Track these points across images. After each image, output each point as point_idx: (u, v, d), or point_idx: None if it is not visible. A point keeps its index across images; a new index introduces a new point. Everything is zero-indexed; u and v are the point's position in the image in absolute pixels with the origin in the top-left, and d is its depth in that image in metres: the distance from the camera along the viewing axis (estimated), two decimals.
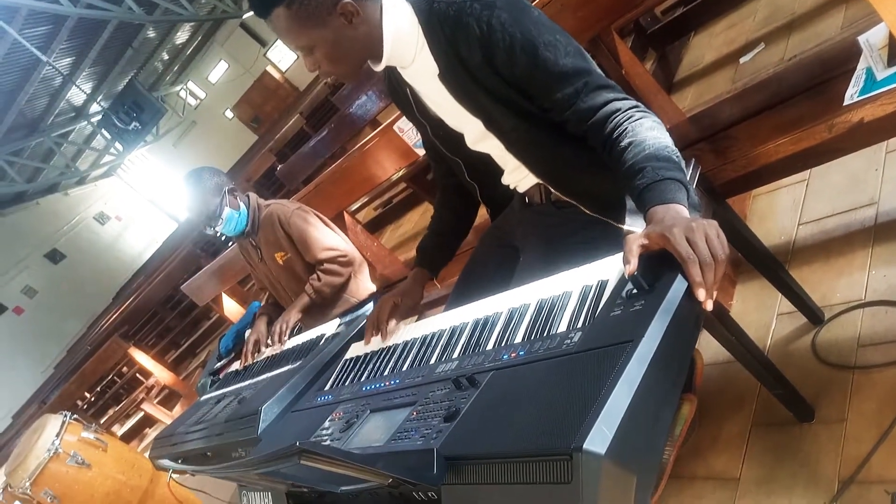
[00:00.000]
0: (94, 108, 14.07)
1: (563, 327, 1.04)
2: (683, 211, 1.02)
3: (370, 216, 6.02)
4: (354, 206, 5.79)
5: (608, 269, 1.09)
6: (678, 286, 0.90)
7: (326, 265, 2.52)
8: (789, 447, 1.49)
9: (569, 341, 0.97)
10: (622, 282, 1.01)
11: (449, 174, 1.69)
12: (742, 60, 2.90)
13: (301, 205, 2.66)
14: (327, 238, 2.57)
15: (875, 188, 1.83)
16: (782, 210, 2.05)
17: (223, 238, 2.64)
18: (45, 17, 9.58)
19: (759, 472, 1.51)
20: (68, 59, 11.65)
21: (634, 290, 0.96)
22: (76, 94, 13.18)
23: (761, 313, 1.81)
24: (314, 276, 2.52)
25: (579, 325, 1.01)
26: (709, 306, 0.90)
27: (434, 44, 1.29)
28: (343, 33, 1.28)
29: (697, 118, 1.80)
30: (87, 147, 16.17)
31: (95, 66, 12.73)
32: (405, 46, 1.33)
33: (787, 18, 2.88)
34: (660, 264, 0.96)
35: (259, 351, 2.42)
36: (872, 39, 1.45)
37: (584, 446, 0.72)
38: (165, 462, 1.37)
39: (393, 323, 1.55)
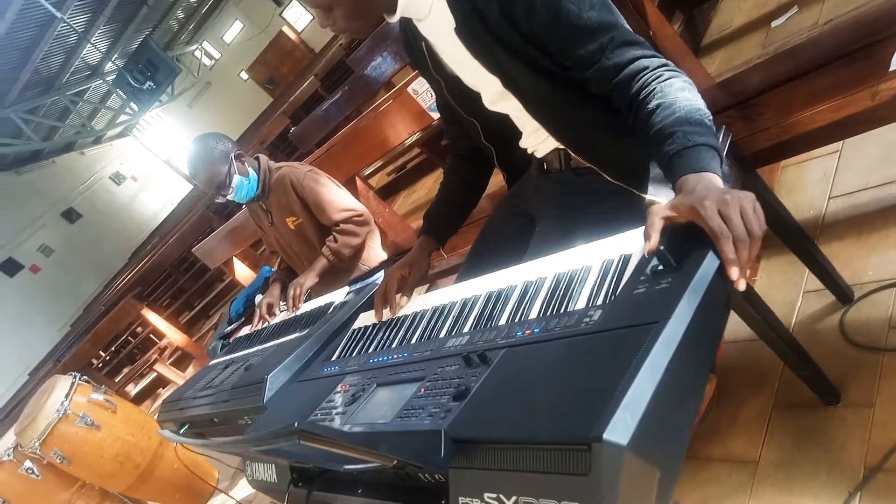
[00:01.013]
0: (110, 66, 13.97)
1: (581, 304, 0.98)
2: (717, 180, 0.94)
3: (383, 181, 5.95)
4: (367, 172, 5.74)
5: (631, 243, 1.02)
6: (709, 264, 0.83)
7: (343, 226, 2.46)
8: (812, 431, 1.43)
9: (588, 319, 0.91)
10: (647, 257, 0.94)
11: (462, 137, 1.61)
12: (774, 24, 2.77)
13: (312, 167, 2.59)
14: (342, 199, 2.51)
15: None
16: (812, 182, 1.96)
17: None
18: None
19: (779, 455, 1.45)
20: (83, 17, 11.52)
21: (660, 267, 0.89)
22: (91, 53, 13.07)
23: (787, 290, 1.74)
24: (330, 237, 2.47)
25: (599, 302, 0.95)
26: (741, 286, 0.84)
27: None
28: None
29: (728, 83, 1.70)
30: (103, 106, 16.11)
31: (111, 23, 12.59)
32: None
33: None
34: (689, 239, 0.89)
35: (272, 314, 2.38)
36: None
37: (605, 436, 0.67)
38: (167, 433, 1.33)
39: (402, 297, 1.49)
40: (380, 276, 2.45)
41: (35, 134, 13.83)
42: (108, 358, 7.54)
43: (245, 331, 2.49)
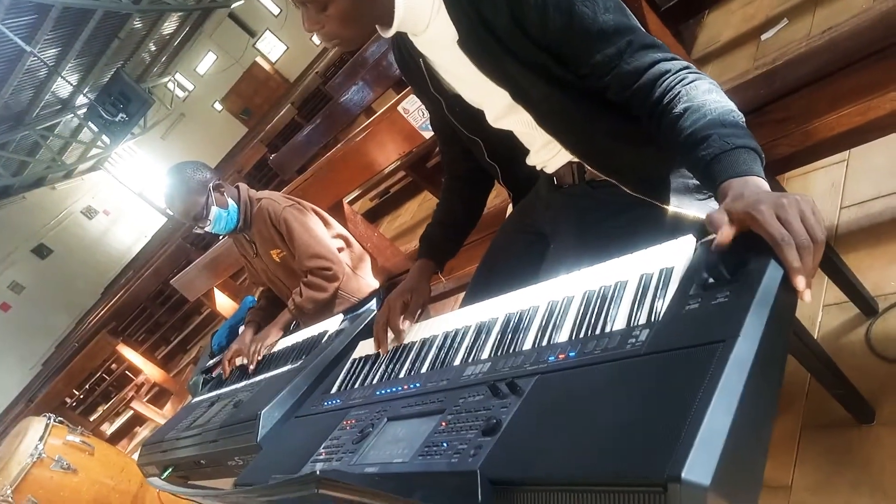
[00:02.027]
0: (81, 100, 13.78)
1: (620, 324, 0.89)
2: (763, 184, 0.87)
3: (366, 207, 5.86)
4: (350, 197, 5.66)
5: (672, 255, 0.93)
6: (773, 273, 0.75)
7: (310, 278, 2.32)
8: (848, 451, 1.35)
9: (633, 340, 0.82)
10: (693, 270, 0.86)
11: (459, 158, 1.53)
12: (764, 37, 2.75)
13: (294, 201, 2.46)
14: (316, 243, 2.35)
15: None
16: (820, 193, 1.90)
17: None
18: (30, 6, 9.31)
19: (813, 478, 1.37)
20: (53, 50, 11.37)
21: (711, 280, 0.80)
22: (62, 86, 12.90)
23: (806, 305, 1.66)
24: (297, 289, 2.34)
25: (642, 321, 0.86)
26: (807, 297, 0.75)
27: (453, 6, 1.13)
28: None
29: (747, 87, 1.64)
30: (74, 140, 15.88)
31: (81, 57, 12.44)
32: (420, 10, 1.16)
33: None
34: (740, 249, 0.81)
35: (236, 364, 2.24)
36: None
37: (684, 476, 0.57)
38: (160, 482, 1.21)
39: (407, 324, 1.39)
40: (371, 305, 2.35)
41: (4, 169, 13.55)
42: (82, 396, 7.28)
43: (228, 365, 2.36)
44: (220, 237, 3.15)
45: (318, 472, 0.64)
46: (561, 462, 0.71)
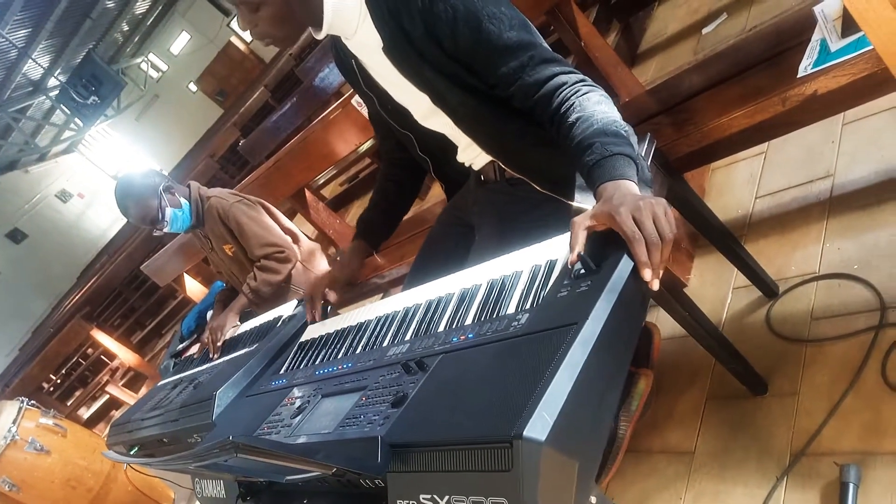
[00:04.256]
0: (52, 82, 13.61)
1: (512, 309, 1.02)
2: (633, 187, 1.00)
3: (336, 192, 5.94)
4: (320, 181, 5.73)
5: (557, 249, 1.07)
6: (624, 266, 0.88)
7: (264, 261, 2.44)
8: (743, 420, 1.50)
9: (516, 323, 0.95)
10: (570, 267, 0.99)
11: (396, 149, 1.65)
12: (704, 31, 2.88)
13: (241, 196, 2.58)
14: (264, 234, 2.47)
15: (831, 161, 1.83)
16: (740, 183, 2.05)
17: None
18: None
19: (713, 445, 1.52)
20: (24, 32, 11.19)
21: (582, 271, 0.94)
22: (33, 68, 12.72)
23: (718, 287, 1.82)
24: (251, 274, 2.45)
25: (528, 306, 0.99)
26: (655, 286, 0.89)
27: (377, 15, 1.25)
28: None
29: (656, 91, 1.78)
30: (47, 123, 15.67)
31: (52, 38, 12.26)
32: (347, 15, 1.28)
33: None
34: (608, 244, 0.94)
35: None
36: (827, 10, 1.43)
37: (524, 433, 0.71)
38: (112, 453, 1.33)
39: (332, 295, 1.53)
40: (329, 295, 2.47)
41: None
42: (58, 381, 7.32)
43: (195, 349, 2.47)
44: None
45: (231, 438, 0.76)
46: (441, 427, 0.84)
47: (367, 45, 1.31)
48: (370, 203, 1.71)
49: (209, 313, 3.03)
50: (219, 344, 2.22)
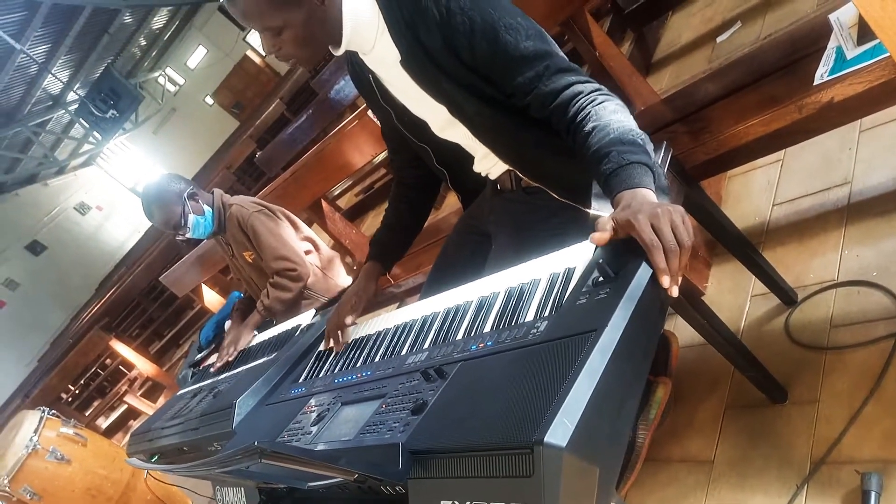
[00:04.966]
0: (72, 96, 13.83)
1: (530, 316, 1.03)
2: (650, 195, 1.01)
3: (352, 202, 5.98)
4: (336, 192, 5.77)
5: (575, 257, 1.08)
6: (642, 273, 0.89)
7: (276, 278, 2.48)
8: (762, 429, 1.50)
9: (535, 331, 0.96)
10: (589, 269, 1.00)
11: (408, 166, 1.67)
12: (719, 39, 2.88)
13: (263, 206, 2.61)
14: (278, 246, 2.50)
15: (848, 168, 1.82)
16: (757, 191, 2.05)
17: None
18: (19, 3, 9.35)
19: (733, 453, 1.52)
20: (44, 47, 11.40)
21: (601, 278, 0.94)
22: (53, 83, 12.93)
23: (736, 295, 1.81)
24: (265, 291, 2.49)
25: (546, 313, 1.00)
26: (674, 293, 0.89)
27: (394, 29, 1.27)
28: (314, 14, 1.25)
29: (671, 99, 1.78)
30: (66, 136, 15.90)
31: (71, 53, 12.47)
32: (365, 31, 1.30)
33: None
34: (626, 251, 0.95)
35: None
36: (843, 18, 1.43)
37: (546, 439, 0.71)
38: (135, 460, 1.35)
39: (349, 319, 1.56)
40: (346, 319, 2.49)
41: None
42: (77, 391, 7.40)
43: (214, 358, 2.50)
44: (201, 242, 3.32)
45: (256, 444, 0.78)
46: (462, 433, 0.85)
47: (384, 59, 1.33)
48: (383, 223, 1.72)
49: (227, 323, 3.06)
50: (230, 360, 2.25)
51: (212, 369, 2.36)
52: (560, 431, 0.72)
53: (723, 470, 1.51)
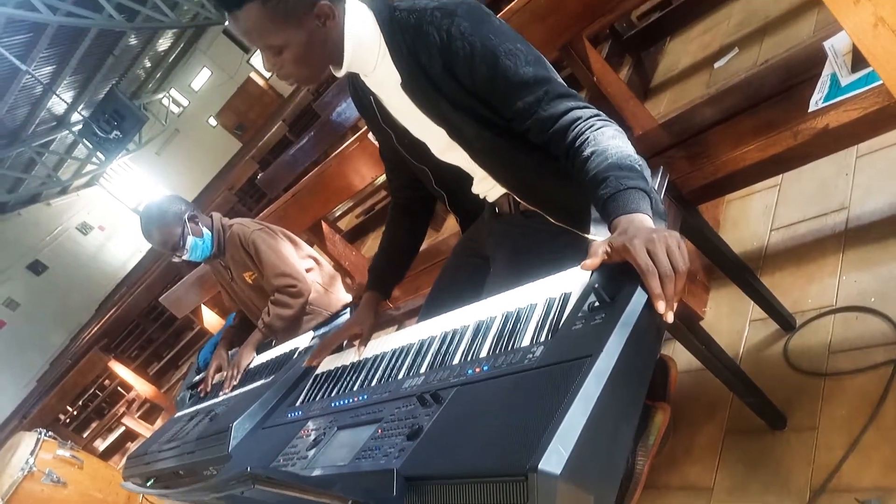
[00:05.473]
0: (76, 116, 13.94)
1: (526, 341, 1.03)
2: (647, 221, 1.01)
3: (352, 223, 5.99)
4: (337, 213, 5.79)
5: (572, 281, 1.08)
6: (638, 299, 0.89)
7: (277, 296, 2.47)
8: (762, 455, 1.48)
9: (531, 356, 0.96)
10: (585, 294, 1.00)
11: (404, 187, 1.69)
12: (716, 65, 2.91)
13: (263, 225, 2.62)
14: (280, 263, 2.50)
15: (846, 193, 1.83)
16: (755, 215, 2.05)
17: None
18: (25, 25, 9.47)
19: (731, 481, 1.50)
20: (49, 68, 11.52)
21: (597, 303, 0.94)
22: (57, 103, 13.04)
23: (734, 320, 1.81)
24: (266, 308, 2.49)
25: (542, 338, 1.00)
26: (669, 318, 0.89)
27: (395, 52, 1.28)
28: (315, 35, 1.26)
29: (669, 124, 1.80)
30: (69, 156, 16.00)
31: (76, 74, 12.60)
32: (366, 54, 1.31)
33: (760, 22, 2.89)
34: (622, 276, 0.95)
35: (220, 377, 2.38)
36: (837, 45, 1.45)
37: (540, 467, 0.71)
38: (129, 484, 1.34)
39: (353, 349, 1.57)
40: (343, 319, 2.48)
41: (0, 186, 13.67)
42: (75, 413, 7.35)
43: (216, 379, 2.48)
44: (199, 264, 3.33)
45: (248, 470, 0.77)
46: (457, 460, 0.85)
47: (385, 81, 1.34)
48: (380, 250, 1.74)
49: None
50: (235, 382, 2.24)
51: (220, 392, 2.35)
52: (554, 459, 0.72)
53: (722, 498, 1.49)
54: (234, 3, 1.20)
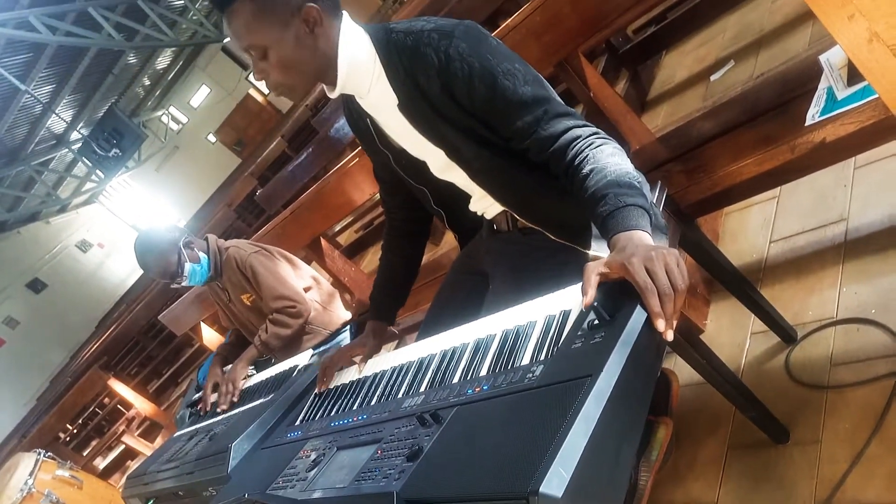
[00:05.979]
0: (75, 135, 13.99)
1: (526, 360, 1.02)
2: (646, 238, 1.01)
3: (352, 238, 5.99)
4: (337, 228, 5.80)
5: (571, 299, 1.07)
6: (637, 317, 0.89)
7: (276, 315, 2.46)
8: (765, 470, 1.47)
9: (531, 375, 0.96)
10: (585, 312, 0.99)
11: (399, 207, 1.69)
12: (712, 78, 2.92)
13: (259, 246, 2.62)
14: (278, 286, 2.50)
15: (844, 205, 1.83)
16: (754, 228, 2.05)
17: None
18: (24, 45, 9.54)
19: (735, 496, 1.49)
20: (48, 87, 11.58)
21: (596, 321, 0.94)
22: (56, 122, 13.10)
23: (735, 333, 1.81)
24: (263, 326, 2.48)
25: (542, 357, 0.99)
26: (669, 337, 0.89)
27: (392, 74, 1.28)
28: (302, 41, 1.25)
29: (666, 138, 1.80)
30: (69, 175, 16.05)
31: (76, 93, 12.67)
32: (361, 75, 1.31)
33: (755, 35, 2.91)
34: (621, 294, 0.95)
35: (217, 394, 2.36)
36: (833, 59, 1.45)
37: (541, 490, 0.70)
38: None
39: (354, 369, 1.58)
40: (345, 337, 2.47)
41: None
42: (75, 431, 7.32)
43: (212, 399, 2.47)
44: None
45: (245, 496, 0.77)
46: (457, 482, 0.84)
47: (381, 103, 1.34)
48: (378, 279, 1.75)
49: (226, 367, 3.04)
50: (234, 399, 2.22)
51: (218, 409, 2.33)
52: (555, 481, 0.71)
53: None
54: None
